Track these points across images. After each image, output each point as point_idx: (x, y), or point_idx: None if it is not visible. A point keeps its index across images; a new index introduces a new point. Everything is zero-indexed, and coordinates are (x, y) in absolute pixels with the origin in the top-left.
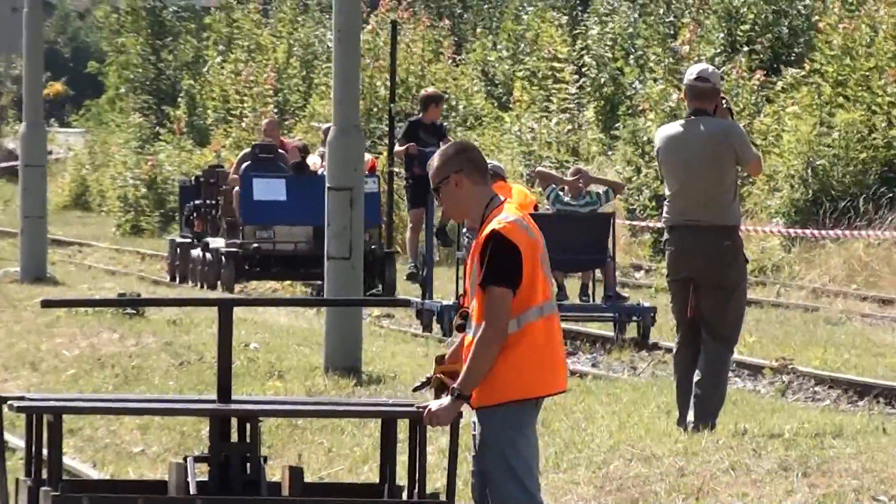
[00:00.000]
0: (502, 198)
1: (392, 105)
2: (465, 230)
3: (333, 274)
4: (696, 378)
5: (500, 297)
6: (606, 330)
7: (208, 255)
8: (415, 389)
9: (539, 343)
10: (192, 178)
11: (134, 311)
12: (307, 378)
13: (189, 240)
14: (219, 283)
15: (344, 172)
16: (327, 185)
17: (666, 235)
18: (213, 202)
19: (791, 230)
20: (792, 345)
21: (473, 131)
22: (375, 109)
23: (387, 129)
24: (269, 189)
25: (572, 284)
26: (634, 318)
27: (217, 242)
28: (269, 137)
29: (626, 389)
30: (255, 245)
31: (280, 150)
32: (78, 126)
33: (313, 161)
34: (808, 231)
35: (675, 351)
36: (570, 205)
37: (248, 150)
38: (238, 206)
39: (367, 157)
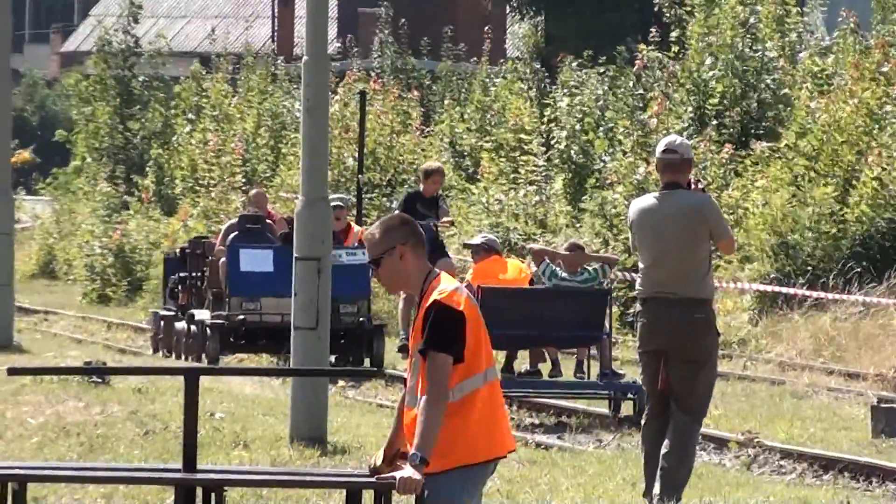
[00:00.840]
0: (438, 271)
1: (360, 176)
2: None
3: (300, 344)
4: (663, 450)
5: (442, 364)
6: (568, 401)
7: (193, 328)
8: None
9: (484, 409)
10: (177, 249)
11: (100, 380)
12: (272, 448)
13: (173, 312)
14: (203, 355)
15: (312, 242)
16: (295, 255)
17: (638, 307)
18: (199, 274)
19: (765, 287)
20: (758, 418)
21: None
22: (343, 180)
23: (355, 199)
24: (257, 260)
25: (567, 361)
26: (630, 395)
27: (202, 314)
28: (256, 208)
29: (591, 462)
30: (242, 317)
31: (268, 221)
32: (45, 194)
33: None
34: (781, 289)
35: (643, 422)
36: (567, 280)
37: (234, 220)
38: (224, 278)
39: (357, 228)
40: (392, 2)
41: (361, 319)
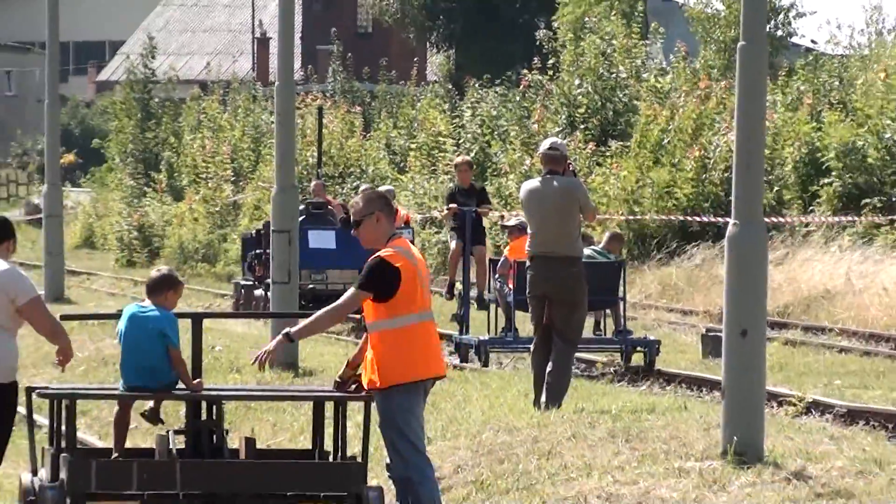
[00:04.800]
0: (401, 233)
1: (319, 170)
2: (496, 276)
3: (277, 294)
4: (548, 369)
5: (354, 296)
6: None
7: (269, 294)
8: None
9: (418, 340)
10: (254, 230)
11: None
12: (257, 372)
13: (251, 282)
14: None
15: (284, 219)
16: (272, 228)
17: (528, 263)
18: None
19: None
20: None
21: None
22: (307, 173)
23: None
24: (322, 239)
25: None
26: (640, 348)
27: None
28: (317, 196)
29: (494, 379)
30: (311, 286)
31: (329, 207)
32: (86, 187)
33: None
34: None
35: (532, 350)
36: (593, 257)
37: (301, 206)
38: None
39: (403, 211)
40: (342, 40)
41: None
